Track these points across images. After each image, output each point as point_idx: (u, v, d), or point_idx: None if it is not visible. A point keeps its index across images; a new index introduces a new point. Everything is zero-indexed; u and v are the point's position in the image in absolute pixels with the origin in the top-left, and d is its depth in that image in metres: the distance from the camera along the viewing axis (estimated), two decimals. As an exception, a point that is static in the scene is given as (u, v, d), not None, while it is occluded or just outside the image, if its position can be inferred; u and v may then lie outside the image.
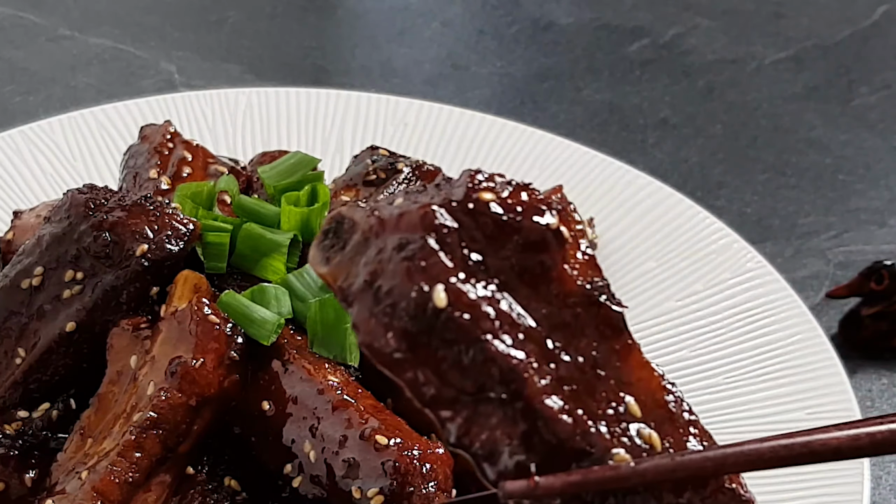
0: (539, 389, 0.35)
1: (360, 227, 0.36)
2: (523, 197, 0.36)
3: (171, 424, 0.58)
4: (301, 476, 0.60)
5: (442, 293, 0.34)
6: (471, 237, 0.35)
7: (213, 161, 0.81)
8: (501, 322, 0.35)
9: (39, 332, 0.65)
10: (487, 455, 0.35)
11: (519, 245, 0.35)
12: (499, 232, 0.35)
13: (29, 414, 0.65)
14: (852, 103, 1.26)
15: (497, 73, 1.29)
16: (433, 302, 0.34)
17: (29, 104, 1.15)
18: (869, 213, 1.08)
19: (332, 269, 0.37)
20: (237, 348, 0.61)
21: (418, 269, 0.34)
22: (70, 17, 1.33)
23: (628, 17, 1.41)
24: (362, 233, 0.36)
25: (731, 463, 0.34)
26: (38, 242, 0.67)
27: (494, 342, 0.34)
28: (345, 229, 0.37)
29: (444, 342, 0.34)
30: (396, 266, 0.34)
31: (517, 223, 0.35)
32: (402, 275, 0.34)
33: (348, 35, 1.38)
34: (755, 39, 1.38)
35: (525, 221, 0.35)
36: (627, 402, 0.35)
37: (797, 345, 0.78)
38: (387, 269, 0.35)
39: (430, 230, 0.34)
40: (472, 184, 0.36)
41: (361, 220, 0.36)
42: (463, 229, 0.35)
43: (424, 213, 0.35)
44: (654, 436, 0.35)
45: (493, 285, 0.35)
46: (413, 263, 0.34)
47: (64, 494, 0.58)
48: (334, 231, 0.37)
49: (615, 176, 0.95)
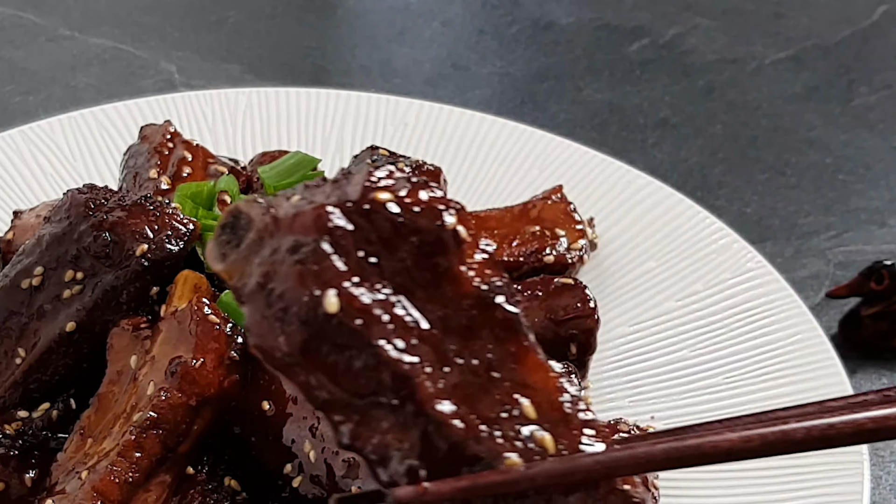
0: (431, 394, 0.34)
1: (256, 226, 0.36)
2: (422, 196, 0.35)
3: (171, 424, 0.58)
4: (301, 476, 0.60)
5: (333, 298, 0.33)
6: (366, 239, 0.34)
7: (213, 161, 0.81)
8: (395, 326, 0.34)
9: (39, 331, 0.65)
10: (379, 459, 0.35)
11: (415, 246, 0.35)
12: (395, 233, 0.34)
13: (29, 414, 0.65)
14: (852, 103, 1.26)
15: (497, 73, 1.30)
16: (324, 307, 0.33)
17: (29, 104, 1.15)
18: (869, 213, 1.08)
19: (227, 266, 0.36)
20: (237, 348, 0.61)
21: (310, 273, 0.33)
22: (70, 17, 1.33)
23: (628, 16, 1.41)
24: (257, 231, 0.35)
25: (623, 465, 0.34)
26: (38, 242, 0.67)
27: (386, 347, 0.34)
28: (241, 225, 0.36)
29: (336, 347, 0.34)
30: (289, 269, 0.34)
31: (414, 224, 0.35)
32: (293, 279, 0.34)
33: (348, 35, 1.38)
34: (755, 39, 1.38)
35: (422, 222, 0.35)
36: (522, 405, 0.35)
37: (797, 345, 0.78)
38: (279, 272, 0.34)
39: (324, 233, 0.34)
40: (368, 182, 0.35)
41: (257, 217, 0.36)
42: (358, 231, 0.34)
43: (318, 214, 0.34)
44: (546, 438, 0.35)
45: (387, 288, 0.34)
46: (305, 267, 0.33)
47: (64, 494, 0.58)
48: (231, 226, 0.37)
49: (615, 176, 0.95)
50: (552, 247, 0.81)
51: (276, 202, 0.36)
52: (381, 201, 0.34)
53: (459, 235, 0.35)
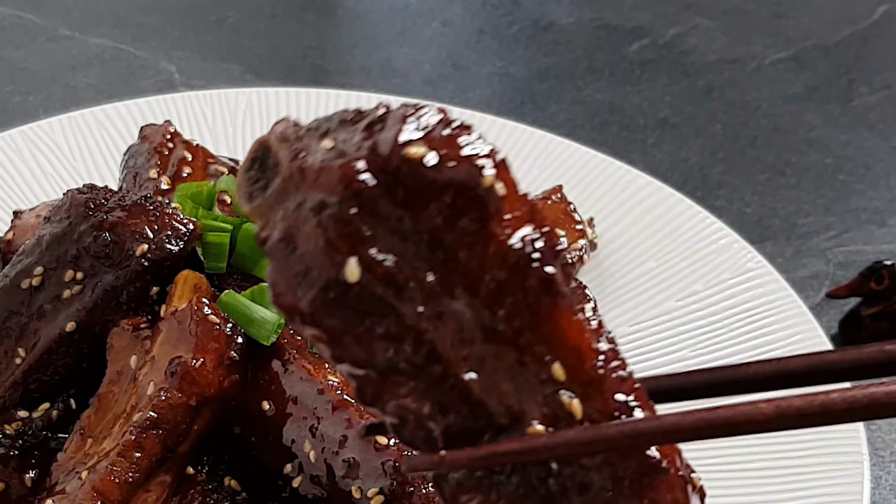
0: (452, 362, 0.33)
1: (282, 172, 0.34)
2: (460, 150, 0.32)
3: (171, 424, 0.58)
4: (301, 476, 0.60)
5: (355, 267, 0.32)
6: (395, 198, 0.32)
7: (213, 161, 0.81)
8: (418, 292, 0.32)
9: (39, 331, 0.65)
10: (398, 423, 0.34)
11: (447, 205, 0.32)
12: (426, 190, 0.32)
13: (29, 414, 0.65)
14: (852, 103, 1.26)
15: (497, 73, 1.29)
16: (345, 275, 0.32)
17: (29, 104, 1.15)
18: (869, 213, 1.08)
19: (252, 209, 0.35)
20: (237, 348, 0.61)
21: (333, 238, 0.32)
22: (70, 18, 1.33)
23: (628, 17, 1.41)
24: (283, 180, 0.34)
25: (649, 436, 0.33)
26: (38, 242, 0.67)
27: (409, 314, 0.32)
28: (269, 165, 0.35)
29: (357, 313, 0.32)
30: (311, 230, 0.32)
31: (447, 181, 0.32)
32: (315, 241, 0.32)
33: (348, 35, 1.38)
34: (755, 39, 1.38)
35: (457, 178, 0.32)
36: (552, 369, 0.33)
37: (797, 345, 0.78)
38: (302, 231, 0.33)
39: (350, 194, 0.32)
40: (401, 134, 0.32)
41: (284, 162, 0.34)
42: (387, 189, 0.32)
43: (345, 173, 0.32)
44: (574, 403, 0.33)
45: (414, 252, 0.32)
46: (328, 231, 0.32)
47: (64, 494, 0.58)
48: (260, 162, 0.35)
49: (615, 176, 0.95)
50: (552, 247, 0.81)
51: (307, 145, 0.34)
52: (414, 158, 0.32)
53: (495, 193, 0.32)
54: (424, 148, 0.32)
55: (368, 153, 0.32)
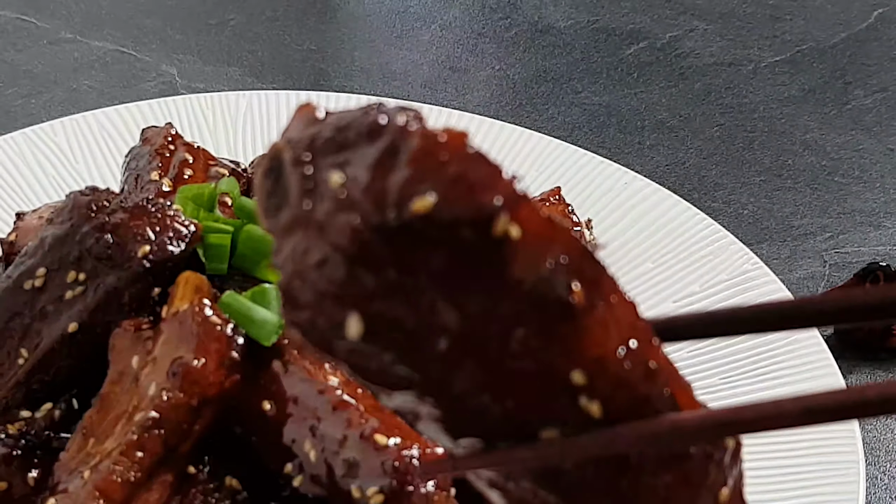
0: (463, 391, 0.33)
1: (291, 208, 0.33)
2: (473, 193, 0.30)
3: (173, 424, 0.59)
4: (301, 475, 0.60)
5: (356, 323, 0.31)
6: (402, 256, 0.31)
7: (214, 163, 0.81)
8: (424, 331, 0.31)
9: (42, 332, 0.66)
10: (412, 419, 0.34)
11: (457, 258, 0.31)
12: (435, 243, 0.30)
13: (32, 414, 0.66)
14: (848, 106, 1.27)
15: (495, 76, 1.30)
16: (345, 330, 0.31)
17: (31, 107, 1.16)
18: (864, 215, 1.09)
19: (267, 229, 0.34)
20: (238, 349, 0.61)
21: (334, 296, 0.31)
22: (72, 21, 1.33)
23: (626, 20, 1.42)
24: (291, 217, 0.33)
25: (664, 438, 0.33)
26: (40, 244, 0.67)
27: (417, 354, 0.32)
28: (281, 185, 0.34)
29: (362, 356, 0.32)
30: (314, 283, 0.32)
31: (458, 234, 0.30)
32: (316, 296, 0.32)
33: (348, 38, 1.38)
34: (752, 42, 1.39)
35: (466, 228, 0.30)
36: (571, 374, 0.32)
37: (793, 345, 0.79)
38: (306, 281, 0.32)
39: (355, 254, 0.31)
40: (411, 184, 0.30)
41: (294, 193, 0.33)
42: (394, 248, 0.31)
43: (351, 231, 0.30)
44: (594, 406, 0.33)
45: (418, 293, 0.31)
46: (329, 290, 0.31)
47: (66, 493, 0.58)
48: (274, 178, 0.34)
49: (613, 178, 0.95)
50: (550, 248, 0.82)
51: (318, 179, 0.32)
52: (424, 213, 0.30)
53: (510, 240, 0.30)
54: (435, 196, 0.30)
55: (375, 206, 0.30)
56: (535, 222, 0.31)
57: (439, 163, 0.30)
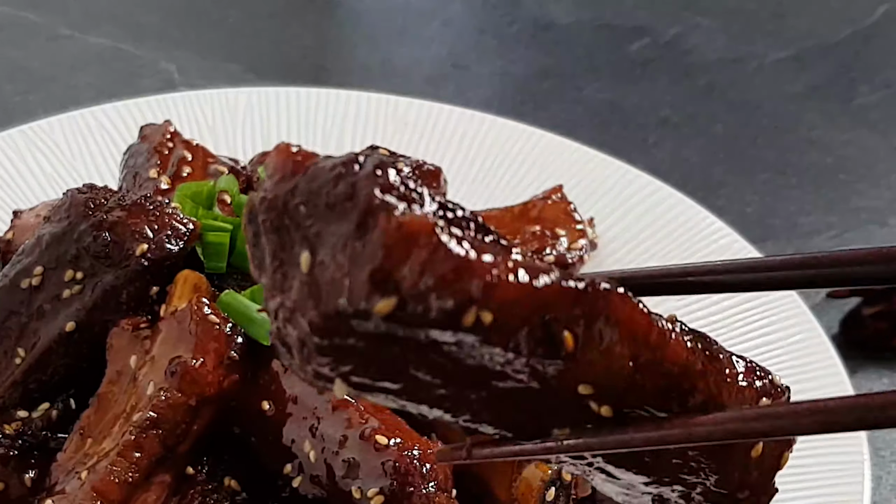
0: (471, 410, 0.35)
1: (269, 276, 0.34)
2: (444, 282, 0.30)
3: (171, 424, 0.58)
4: (301, 476, 0.60)
5: (341, 387, 0.33)
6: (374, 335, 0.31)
7: (213, 161, 0.81)
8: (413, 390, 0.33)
9: (39, 331, 0.65)
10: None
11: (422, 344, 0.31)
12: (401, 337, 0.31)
13: (29, 414, 0.65)
14: (853, 103, 1.26)
15: (497, 73, 1.29)
16: (335, 389, 0.33)
17: (29, 103, 1.15)
18: (869, 213, 1.08)
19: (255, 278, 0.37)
20: (237, 348, 0.61)
21: (317, 363, 0.33)
22: (70, 17, 1.33)
23: (629, 16, 1.41)
24: (271, 284, 0.35)
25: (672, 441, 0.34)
26: (37, 242, 0.67)
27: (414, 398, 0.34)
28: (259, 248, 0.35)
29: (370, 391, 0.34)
30: (298, 349, 0.33)
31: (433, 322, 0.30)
32: (301, 359, 0.33)
33: (348, 34, 1.38)
34: (756, 39, 1.38)
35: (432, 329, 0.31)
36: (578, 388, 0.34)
37: (798, 345, 0.78)
38: (292, 343, 0.33)
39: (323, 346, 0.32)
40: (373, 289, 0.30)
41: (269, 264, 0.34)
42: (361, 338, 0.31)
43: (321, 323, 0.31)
44: (604, 409, 0.35)
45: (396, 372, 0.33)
46: (311, 358, 0.33)
47: (63, 494, 0.58)
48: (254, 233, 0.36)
49: (615, 175, 0.95)
50: (552, 247, 0.81)
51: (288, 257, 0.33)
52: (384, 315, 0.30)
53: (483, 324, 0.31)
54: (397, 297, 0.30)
55: (338, 299, 0.31)
56: (508, 302, 0.31)
57: (405, 256, 0.30)
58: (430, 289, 0.30)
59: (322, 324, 0.31)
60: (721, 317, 0.82)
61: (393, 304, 0.30)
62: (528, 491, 0.60)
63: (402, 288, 0.30)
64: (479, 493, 0.63)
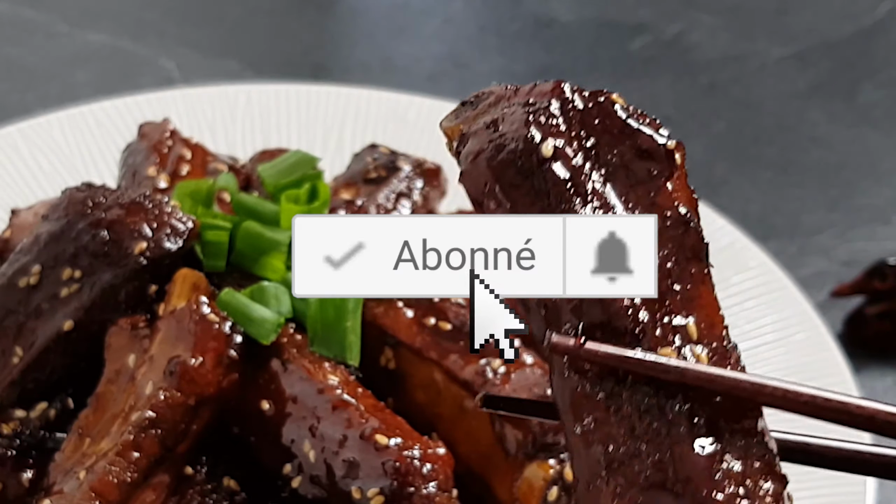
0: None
1: (496, 92, 0.41)
2: (647, 116, 0.40)
3: (170, 424, 0.58)
4: (300, 476, 0.59)
5: (550, 146, 0.38)
6: (591, 124, 0.39)
7: (212, 159, 0.80)
8: (594, 198, 0.38)
9: (37, 330, 0.65)
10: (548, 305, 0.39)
11: (632, 149, 0.39)
12: (618, 130, 0.39)
13: (26, 413, 0.65)
14: (856, 101, 1.26)
15: (499, 70, 1.29)
16: (540, 151, 0.38)
17: (26, 101, 1.15)
18: (873, 211, 1.08)
19: (458, 122, 0.42)
20: (236, 347, 0.61)
21: (536, 121, 0.38)
22: (68, 14, 1.32)
23: (630, 13, 1.41)
24: (496, 96, 0.41)
25: (768, 395, 0.37)
26: (35, 241, 0.66)
27: (583, 210, 0.38)
28: (482, 98, 0.42)
29: (535, 192, 0.38)
30: (518, 116, 0.39)
31: (637, 131, 0.39)
32: (520, 122, 0.38)
33: (348, 31, 1.37)
34: (759, 37, 1.37)
35: (645, 130, 0.39)
36: (687, 322, 0.37)
37: (801, 343, 0.78)
38: (508, 118, 0.39)
39: (558, 99, 0.39)
40: (605, 90, 0.40)
41: (497, 88, 0.41)
42: (587, 113, 0.39)
43: (556, 85, 0.39)
44: (703, 356, 0.37)
45: (596, 168, 0.38)
46: (533, 116, 0.38)
47: (62, 494, 0.57)
48: (472, 102, 0.42)
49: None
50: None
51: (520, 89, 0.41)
52: (612, 100, 0.39)
53: (674, 158, 0.39)
54: (622, 101, 0.40)
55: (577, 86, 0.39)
56: (681, 176, 0.39)
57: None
58: (640, 113, 0.42)
59: (573, 88, 0.41)
60: (725, 315, 0.82)
61: (621, 102, 0.43)
62: (529, 491, 0.60)
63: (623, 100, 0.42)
64: (480, 493, 0.63)
